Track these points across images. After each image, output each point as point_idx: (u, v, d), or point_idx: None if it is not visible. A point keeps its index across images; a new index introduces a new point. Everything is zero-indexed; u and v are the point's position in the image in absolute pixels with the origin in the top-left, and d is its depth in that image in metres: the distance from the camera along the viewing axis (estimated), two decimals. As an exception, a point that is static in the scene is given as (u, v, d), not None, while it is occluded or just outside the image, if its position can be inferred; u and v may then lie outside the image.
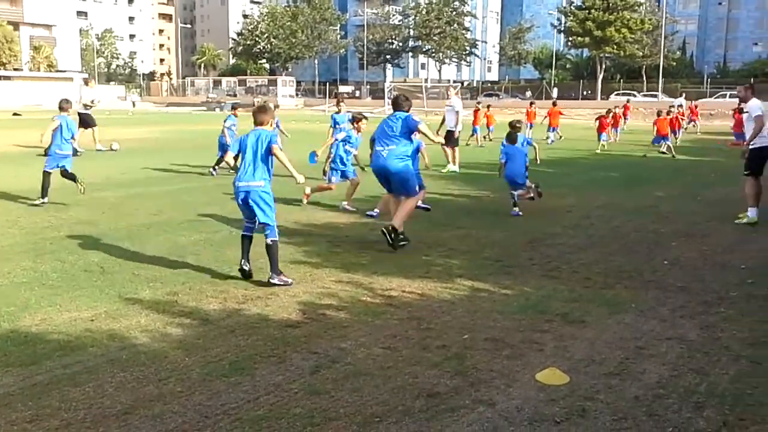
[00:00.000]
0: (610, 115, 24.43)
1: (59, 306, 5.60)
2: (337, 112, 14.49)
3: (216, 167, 14.41)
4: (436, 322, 5.34)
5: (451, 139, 15.78)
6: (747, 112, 10.01)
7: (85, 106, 20.48)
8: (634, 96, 61.63)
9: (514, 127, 10.46)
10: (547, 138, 25.66)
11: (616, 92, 70.76)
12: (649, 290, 6.31)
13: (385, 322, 5.35)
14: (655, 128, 21.54)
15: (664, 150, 21.06)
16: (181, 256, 7.34)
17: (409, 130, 7.96)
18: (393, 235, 7.67)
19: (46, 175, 10.48)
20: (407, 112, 8.09)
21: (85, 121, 19.81)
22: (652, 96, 63.15)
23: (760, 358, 4.67)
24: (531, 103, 30.63)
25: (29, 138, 23.52)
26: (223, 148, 14.23)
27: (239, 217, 9.47)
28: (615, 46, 70.20)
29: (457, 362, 4.54)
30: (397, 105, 8.21)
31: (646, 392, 4.12)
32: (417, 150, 8.86)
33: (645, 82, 74.30)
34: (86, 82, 22.19)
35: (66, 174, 10.68)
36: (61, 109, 10.83)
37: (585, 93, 73.56)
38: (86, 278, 6.46)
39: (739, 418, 3.80)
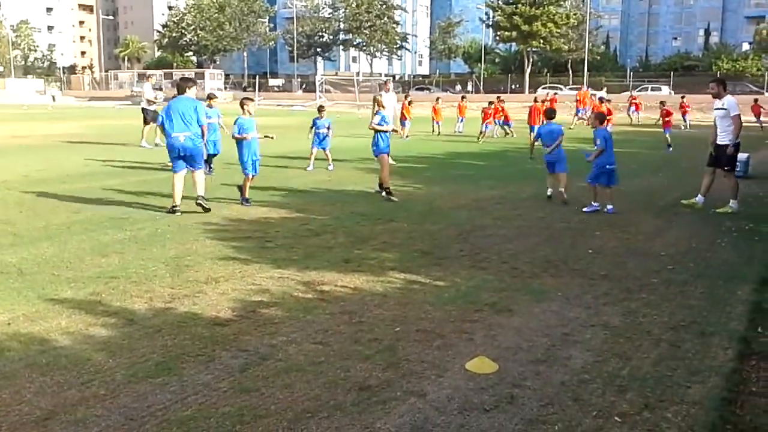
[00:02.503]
0: (492, 106, 24.92)
1: (-27, 310, 5.33)
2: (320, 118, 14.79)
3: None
4: (368, 316, 5.34)
5: None
6: (725, 109, 9.98)
7: (149, 101, 19.58)
8: (561, 89, 63.20)
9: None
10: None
11: (543, 86, 72.43)
12: (574, 278, 6.48)
13: (316, 317, 5.32)
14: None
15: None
16: (104, 255, 7.09)
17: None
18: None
19: None
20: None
21: (147, 116, 19.52)
22: (577, 89, 64.87)
23: (679, 341, 4.87)
24: (462, 97, 30.97)
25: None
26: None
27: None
28: (542, 41, 71.84)
29: (389, 354, 4.56)
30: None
31: (572, 378, 4.23)
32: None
33: (571, 76, 76.34)
34: (147, 77, 21.21)
35: None
36: None
37: (513, 87, 74.98)
38: (2, 280, 6.17)
39: (660, 400, 3.95)
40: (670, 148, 20.70)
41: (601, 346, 4.78)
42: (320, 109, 15.53)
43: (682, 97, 33.64)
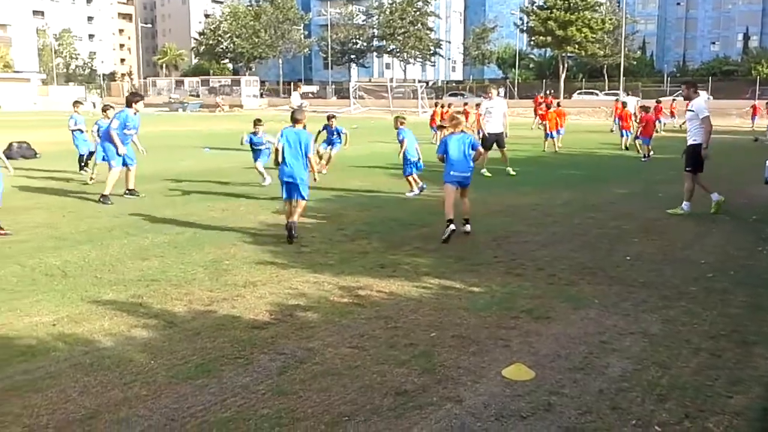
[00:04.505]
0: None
1: (19, 311, 5.49)
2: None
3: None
4: (404, 321, 5.36)
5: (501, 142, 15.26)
6: (692, 111, 10.14)
7: (292, 109, 19.91)
8: (597, 95, 62.60)
9: None
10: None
11: (578, 91, 71.79)
12: (612, 286, 6.42)
13: (352, 321, 5.36)
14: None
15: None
16: (144, 258, 7.24)
17: None
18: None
19: None
20: None
21: None
22: (614, 95, 64.19)
23: (720, 350, 4.79)
24: (465, 103, 30.63)
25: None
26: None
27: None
28: (577, 46, 71.17)
29: (425, 360, 4.57)
30: None
31: (610, 386, 4.19)
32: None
33: (607, 81, 75.53)
34: (295, 86, 21.66)
35: None
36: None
37: (548, 92, 74.42)
38: (47, 282, 6.34)
39: (700, 410, 3.89)
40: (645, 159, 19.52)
41: (639, 354, 4.73)
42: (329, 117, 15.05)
43: (658, 101, 32.02)
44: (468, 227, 8.74)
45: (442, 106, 27.20)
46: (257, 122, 13.07)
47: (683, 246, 8.23)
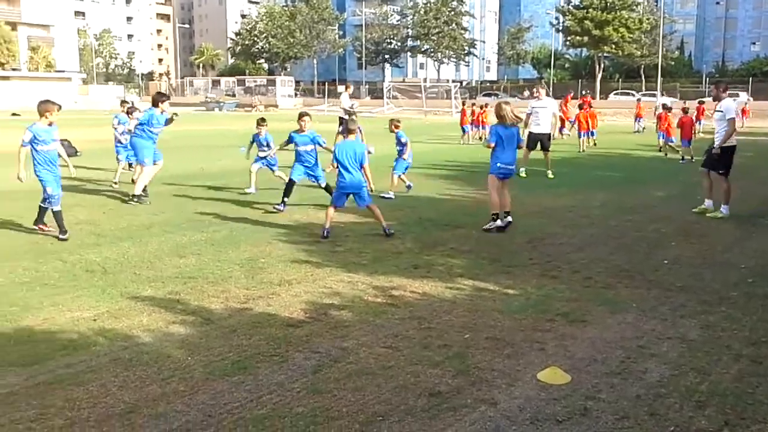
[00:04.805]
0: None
1: (61, 306, 5.61)
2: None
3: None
4: (438, 322, 5.36)
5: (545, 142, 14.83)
6: (721, 111, 10.05)
7: (346, 111, 20.09)
8: (633, 95, 61.61)
9: None
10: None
11: (615, 91, 70.85)
12: (650, 289, 6.32)
13: (386, 321, 5.37)
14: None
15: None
16: (182, 256, 7.35)
17: None
18: None
19: None
20: None
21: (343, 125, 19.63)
22: (651, 95, 63.26)
23: (761, 357, 4.69)
24: (462, 102, 29.66)
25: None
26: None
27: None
28: (613, 46, 70.26)
29: (459, 361, 4.56)
30: None
31: (648, 391, 4.14)
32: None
33: (644, 82, 74.38)
34: (345, 86, 21.88)
35: None
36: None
37: (584, 93, 73.52)
38: (88, 278, 6.48)
39: (741, 417, 3.82)
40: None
41: (678, 359, 4.65)
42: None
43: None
44: (509, 218, 8.99)
45: (481, 107, 27.05)
46: (260, 122, 11.97)
47: (723, 249, 8.07)
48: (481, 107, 27.23)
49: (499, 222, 8.82)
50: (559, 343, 4.93)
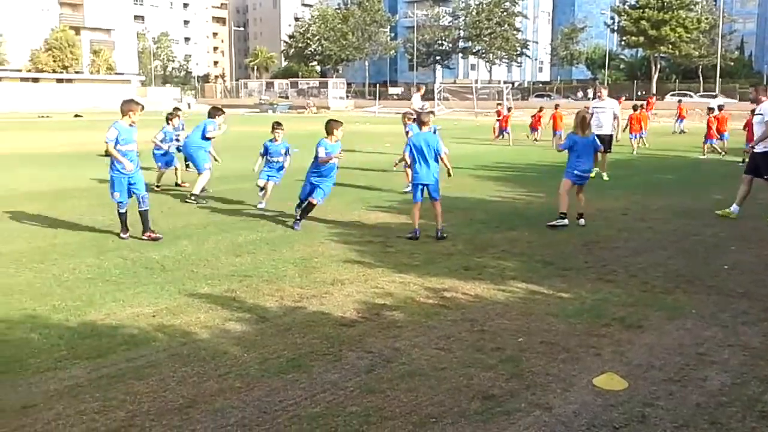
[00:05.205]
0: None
1: (122, 301, 5.79)
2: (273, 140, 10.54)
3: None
4: (490, 325, 5.33)
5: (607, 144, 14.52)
6: (761, 114, 9.95)
7: (417, 113, 20.53)
8: (690, 97, 60.04)
9: None
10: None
11: (671, 93, 69.11)
12: (710, 295, 6.16)
13: (438, 323, 5.36)
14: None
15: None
16: (238, 255, 7.49)
17: None
18: None
19: None
20: None
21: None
22: (709, 96, 61.52)
23: (828, 368, 4.52)
24: (498, 104, 29.19)
25: (88, 139, 24.32)
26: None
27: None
28: (670, 46, 68.61)
29: (513, 365, 4.52)
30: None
31: (708, 400, 4.03)
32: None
33: (702, 83, 72.37)
34: (417, 88, 22.45)
35: None
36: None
37: (639, 93, 72.04)
38: (147, 275, 6.66)
39: (807, 429, 3.69)
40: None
41: (739, 367, 4.52)
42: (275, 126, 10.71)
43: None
44: (582, 221, 9.27)
45: (539, 109, 26.97)
46: (276, 126, 10.39)
47: (787, 256, 7.80)
48: (539, 109, 27.09)
49: (566, 221, 9.09)
50: (616, 348, 4.85)
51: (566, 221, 9.11)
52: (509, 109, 29.33)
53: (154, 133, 13.31)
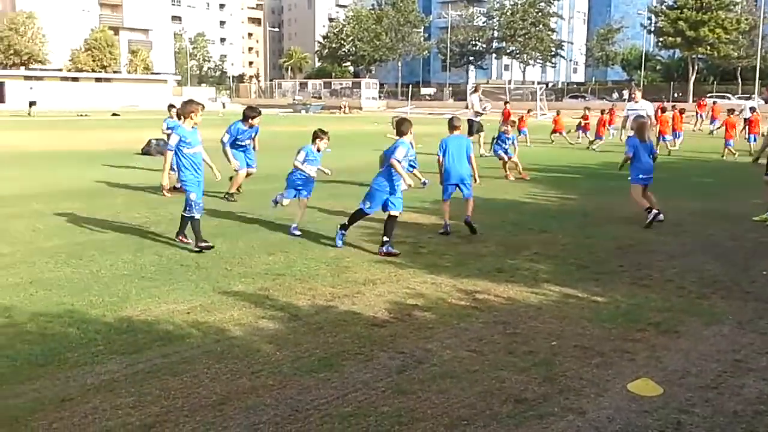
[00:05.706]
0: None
1: (158, 298, 5.87)
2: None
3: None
4: (523, 327, 5.29)
5: None
6: None
7: (477, 113, 20.56)
8: (728, 98, 58.80)
9: None
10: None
11: (709, 94, 67.83)
12: (748, 302, 6.04)
13: (470, 324, 5.34)
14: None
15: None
16: (271, 253, 7.55)
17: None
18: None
19: None
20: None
21: (472, 127, 19.59)
22: (747, 98, 60.25)
23: None
24: (506, 102, 28.46)
25: (125, 137, 24.74)
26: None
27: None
28: (708, 47, 67.41)
29: (546, 369, 4.49)
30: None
31: (746, 408, 3.95)
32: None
33: (740, 84, 70.92)
34: (476, 88, 22.42)
35: None
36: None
37: (676, 95, 70.87)
38: (182, 272, 6.75)
39: None
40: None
41: (779, 376, 4.42)
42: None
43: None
44: (655, 211, 9.47)
45: (587, 109, 26.87)
46: (321, 134, 9.11)
47: (830, 263, 7.60)
48: (587, 109, 27.00)
49: (655, 211, 9.33)
50: (651, 353, 4.78)
51: (655, 211, 9.31)
52: (529, 111, 29.27)
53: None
